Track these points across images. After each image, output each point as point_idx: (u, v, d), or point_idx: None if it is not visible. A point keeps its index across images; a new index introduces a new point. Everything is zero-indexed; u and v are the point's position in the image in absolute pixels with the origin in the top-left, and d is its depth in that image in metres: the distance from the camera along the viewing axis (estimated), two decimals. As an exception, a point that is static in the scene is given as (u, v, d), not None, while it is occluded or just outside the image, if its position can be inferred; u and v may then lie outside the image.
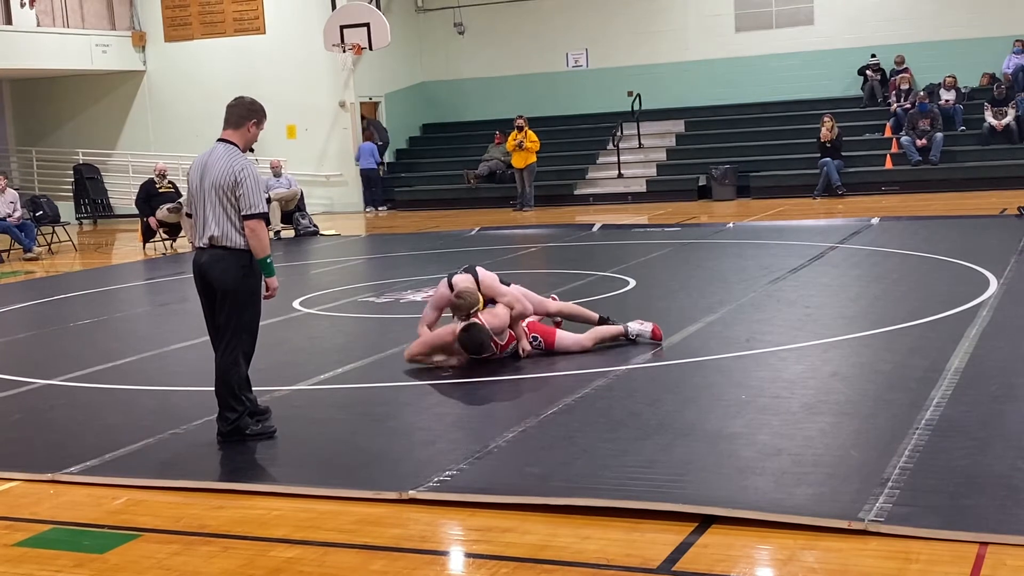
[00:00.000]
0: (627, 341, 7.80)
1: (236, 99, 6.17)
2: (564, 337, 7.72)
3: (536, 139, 21.60)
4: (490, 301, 7.58)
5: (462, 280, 7.63)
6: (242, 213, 5.90)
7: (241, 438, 6.00)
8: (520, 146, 21.56)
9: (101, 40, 24.29)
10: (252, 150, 6.25)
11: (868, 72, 22.55)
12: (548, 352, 7.63)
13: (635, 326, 7.84)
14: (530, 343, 7.60)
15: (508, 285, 7.79)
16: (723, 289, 10.36)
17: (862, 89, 22.70)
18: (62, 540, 4.75)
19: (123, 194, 24.23)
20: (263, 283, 6.08)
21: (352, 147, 23.71)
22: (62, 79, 25.17)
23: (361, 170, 23.53)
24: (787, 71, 23.27)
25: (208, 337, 6.28)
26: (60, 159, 25.16)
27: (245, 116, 6.07)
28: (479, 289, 7.55)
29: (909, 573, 3.92)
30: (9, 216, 17.79)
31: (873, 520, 4.28)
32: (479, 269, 7.80)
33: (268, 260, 6.02)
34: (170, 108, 24.89)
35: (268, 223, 6.35)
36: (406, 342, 7.90)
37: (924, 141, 20.62)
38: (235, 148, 6.04)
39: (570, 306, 8.30)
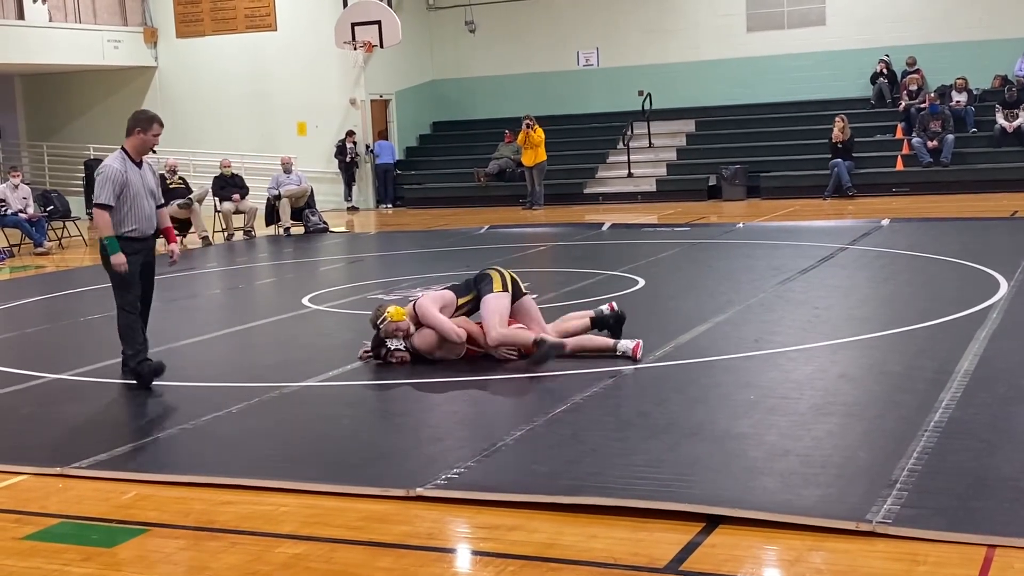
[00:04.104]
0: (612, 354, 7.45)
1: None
2: None
3: (541, 131, 21.55)
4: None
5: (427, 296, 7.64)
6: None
7: (129, 372, 7.48)
8: (527, 141, 21.52)
9: (113, 36, 24.36)
10: (154, 151, 7.70)
11: (878, 71, 22.49)
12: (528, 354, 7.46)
13: (625, 345, 7.38)
14: (506, 352, 7.50)
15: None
16: (732, 289, 10.35)
17: (872, 84, 22.64)
18: (70, 534, 4.76)
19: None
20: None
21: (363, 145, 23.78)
22: (74, 74, 25.24)
23: (378, 165, 23.56)
24: (798, 71, 23.24)
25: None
26: (71, 154, 25.22)
27: (132, 125, 7.43)
28: (416, 310, 7.51)
29: (916, 575, 3.91)
30: (22, 211, 17.85)
31: (881, 522, 4.28)
32: (429, 294, 7.63)
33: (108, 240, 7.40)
34: (181, 104, 24.92)
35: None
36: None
37: (935, 143, 20.58)
38: (117, 153, 7.44)
39: (568, 326, 7.77)
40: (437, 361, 7.57)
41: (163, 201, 7.79)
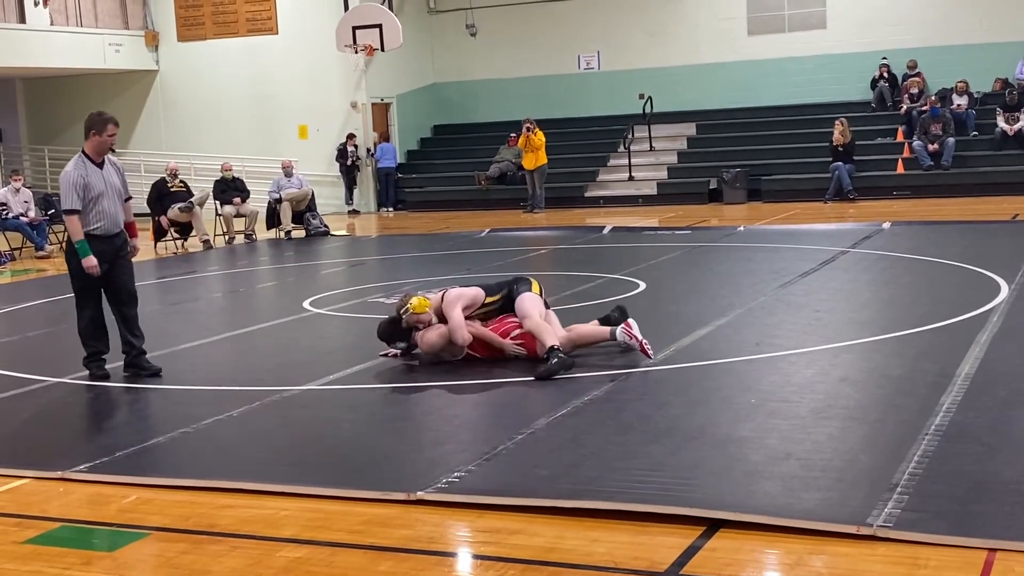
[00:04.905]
0: (616, 344, 7.54)
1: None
2: (542, 345, 7.42)
3: (542, 135, 21.58)
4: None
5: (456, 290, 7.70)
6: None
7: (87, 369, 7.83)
8: (527, 144, 21.55)
9: (114, 39, 24.37)
10: (113, 150, 8.04)
11: (878, 76, 22.52)
12: (531, 359, 7.47)
13: (622, 335, 7.44)
14: (516, 347, 7.54)
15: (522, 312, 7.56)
16: (733, 292, 10.35)
17: (872, 89, 22.67)
18: (71, 538, 4.77)
19: (135, 193, 24.17)
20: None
21: (364, 148, 23.80)
22: (75, 78, 25.25)
23: (379, 168, 23.56)
24: (799, 75, 23.24)
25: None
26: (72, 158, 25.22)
27: (87, 128, 7.77)
28: (442, 302, 7.57)
29: (917, 579, 3.91)
30: (23, 215, 17.87)
31: (882, 525, 4.28)
32: (459, 290, 7.69)
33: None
34: (182, 108, 24.97)
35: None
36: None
37: (936, 146, 20.58)
38: (76, 157, 7.78)
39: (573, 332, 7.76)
40: (439, 363, 7.58)
41: (129, 195, 8.16)
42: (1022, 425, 5.61)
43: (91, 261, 7.66)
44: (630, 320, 7.54)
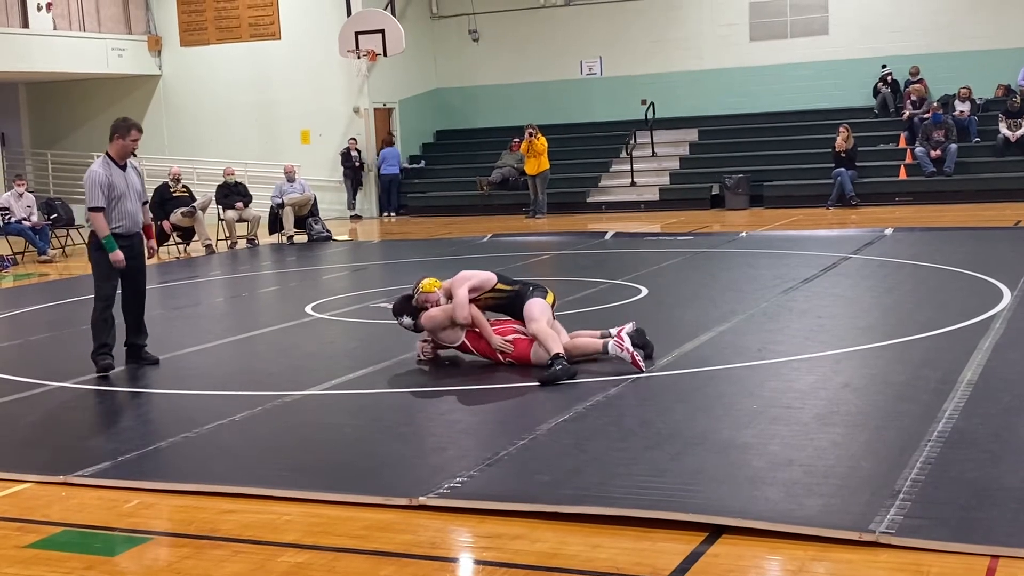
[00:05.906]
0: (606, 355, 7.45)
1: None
2: (537, 352, 7.47)
3: (544, 140, 21.59)
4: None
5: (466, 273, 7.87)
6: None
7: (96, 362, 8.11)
8: (530, 149, 21.57)
9: (117, 44, 24.40)
10: (135, 154, 8.47)
11: (879, 83, 22.55)
12: (520, 364, 7.49)
13: (614, 348, 7.33)
14: (505, 343, 7.56)
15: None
16: (735, 299, 10.35)
17: (874, 97, 22.69)
18: (73, 542, 4.77)
19: (137, 197, 24.29)
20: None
21: (367, 153, 23.80)
22: (78, 82, 25.28)
23: (382, 174, 23.54)
24: (801, 81, 23.27)
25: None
26: (75, 162, 25.23)
27: (112, 132, 8.22)
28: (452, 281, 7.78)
29: (920, 585, 3.91)
30: (26, 219, 17.90)
31: (884, 532, 4.27)
32: (470, 271, 7.88)
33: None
34: (185, 112, 24.98)
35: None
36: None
37: (938, 152, 20.58)
38: (101, 158, 8.18)
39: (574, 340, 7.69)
40: (440, 367, 7.58)
41: (147, 199, 8.45)
42: (1024, 432, 5.61)
43: (118, 255, 8.01)
44: (623, 333, 7.42)
